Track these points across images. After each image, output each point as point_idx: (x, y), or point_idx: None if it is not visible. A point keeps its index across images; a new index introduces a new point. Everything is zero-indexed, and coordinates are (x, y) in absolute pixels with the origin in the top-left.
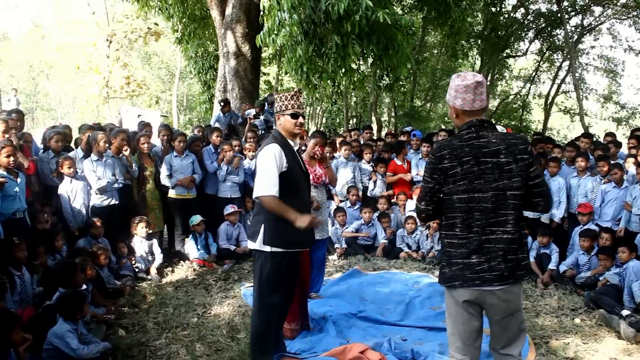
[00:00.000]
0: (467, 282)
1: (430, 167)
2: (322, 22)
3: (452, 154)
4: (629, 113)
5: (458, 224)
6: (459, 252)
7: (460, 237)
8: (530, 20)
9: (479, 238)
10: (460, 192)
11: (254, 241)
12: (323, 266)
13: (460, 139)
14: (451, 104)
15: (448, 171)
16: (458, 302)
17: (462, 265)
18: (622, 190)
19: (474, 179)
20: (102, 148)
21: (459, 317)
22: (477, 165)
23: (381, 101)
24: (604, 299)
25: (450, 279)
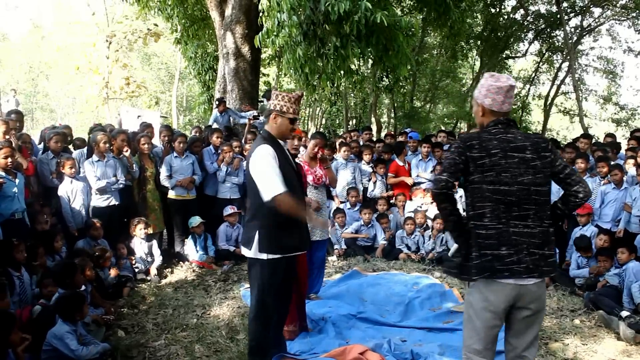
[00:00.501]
0: (497, 273)
1: (458, 150)
2: (322, 23)
3: (480, 145)
4: (629, 114)
5: (487, 213)
6: (489, 243)
7: (489, 228)
8: (530, 22)
9: (507, 229)
10: (487, 183)
11: (248, 248)
12: (323, 267)
13: (489, 133)
14: (479, 101)
15: (477, 160)
16: (492, 301)
17: (491, 256)
18: (622, 191)
19: (500, 171)
20: (102, 149)
21: (485, 317)
22: (504, 159)
23: (381, 102)
24: (604, 300)
25: (482, 270)
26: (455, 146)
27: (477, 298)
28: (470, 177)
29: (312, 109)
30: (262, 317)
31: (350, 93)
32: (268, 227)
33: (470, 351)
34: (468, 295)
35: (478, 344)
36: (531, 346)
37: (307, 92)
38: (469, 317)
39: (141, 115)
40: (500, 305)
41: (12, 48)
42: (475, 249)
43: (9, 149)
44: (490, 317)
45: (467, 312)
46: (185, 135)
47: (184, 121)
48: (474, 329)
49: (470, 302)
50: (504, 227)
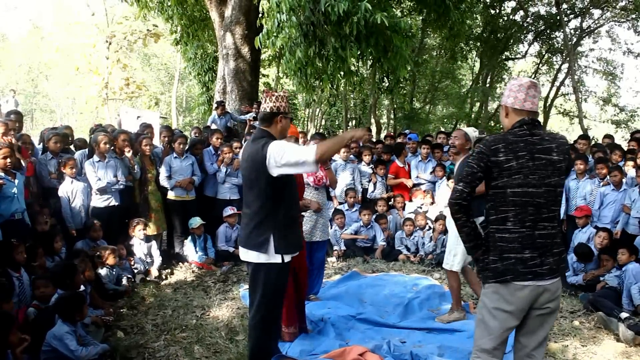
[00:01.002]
0: (520, 276)
1: (479, 156)
2: (322, 24)
3: (507, 147)
4: (628, 115)
5: (510, 218)
6: (512, 247)
7: (512, 232)
8: (530, 23)
9: (532, 233)
10: (514, 186)
11: (262, 251)
12: (322, 268)
13: (514, 135)
14: (503, 102)
15: (503, 164)
16: (506, 301)
17: (514, 259)
18: (621, 192)
19: (528, 173)
20: (103, 149)
21: (500, 317)
22: (531, 161)
23: (380, 103)
24: (603, 301)
25: (502, 273)
26: (478, 151)
27: (493, 299)
28: (494, 182)
29: (311, 110)
30: (266, 322)
31: (350, 94)
32: (281, 228)
33: (479, 350)
34: (483, 296)
35: (489, 343)
36: (540, 346)
37: (307, 93)
38: (482, 318)
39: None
40: (520, 307)
41: (12, 49)
42: (494, 253)
43: (8, 149)
44: (507, 318)
45: (481, 312)
46: (186, 136)
47: (184, 122)
48: (487, 329)
49: (485, 303)
50: (528, 231)
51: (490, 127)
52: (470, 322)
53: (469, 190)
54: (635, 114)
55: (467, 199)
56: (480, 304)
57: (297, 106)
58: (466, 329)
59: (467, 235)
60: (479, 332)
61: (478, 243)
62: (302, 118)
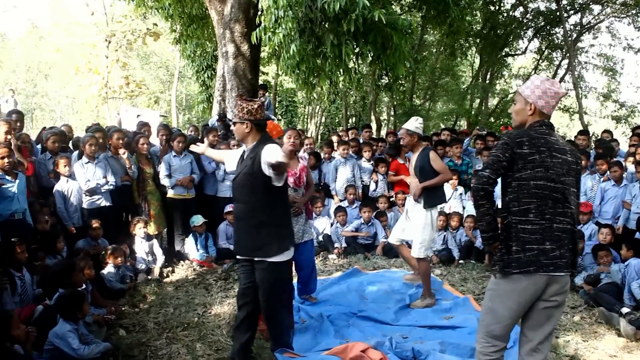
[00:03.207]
0: (543, 267)
1: (504, 146)
2: (319, 21)
3: (530, 142)
4: (629, 111)
5: (532, 209)
6: (534, 238)
7: (534, 223)
8: (529, 19)
9: (551, 225)
10: (537, 179)
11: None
12: (314, 268)
13: (536, 132)
14: (532, 100)
15: (527, 157)
16: (525, 291)
17: (537, 251)
18: (622, 188)
19: (548, 168)
20: (88, 151)
21: (512, 306)
22: (550, 158)
23: (380, 100)
24: (604, 296)
25: (526, 264)
26: (502, 142)
27: (506, 289)
28: (518, 173)
29: (311, 108)
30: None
31: (350, 91)
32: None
33: (490, 336)
34: (495, 286)
35: (499, 330)
36: (547, 340)
37: (305, 90)
38: (492, 306)
39: (141, 115)
40: (529, 297)
41: (11, 48)
42: (517, 244)
43: (6, 149)
44: (517, 307)
45: (492, 301)
46: (184, 135)
47: (184, 120)
48: (497, 316)
49: (496, 292)
50: (548, 223)
51: (490, 123)
52: (471, 317)
53: (495, 177)
54: (636, 110)
55: (493, 185)
56: (490, 294)
57: (297, 103)
58: (467, 325)
59: (487, 224)
60: (488, 319)
61: (497, 234)
62: (302, 115)
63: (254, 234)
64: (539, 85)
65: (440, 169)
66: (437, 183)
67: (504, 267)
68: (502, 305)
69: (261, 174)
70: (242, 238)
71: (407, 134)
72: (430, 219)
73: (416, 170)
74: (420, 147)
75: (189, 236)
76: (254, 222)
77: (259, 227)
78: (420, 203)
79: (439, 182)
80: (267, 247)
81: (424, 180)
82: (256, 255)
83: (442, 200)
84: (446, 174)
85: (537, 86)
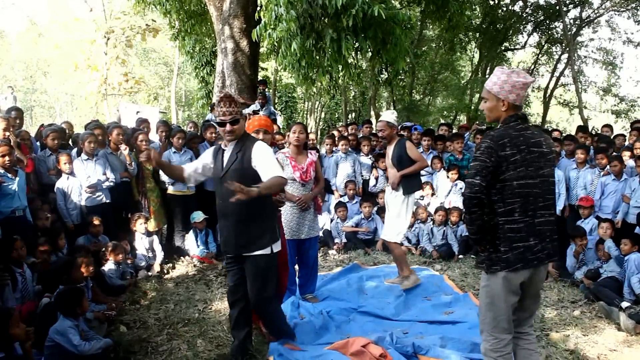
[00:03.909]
0: (529, 263)
1: (488, 150)
2: (319, 17)
3: (511, 142)
4: (628, 105)
5: (517, 209)
6: (520, 236)
7: (519, 222)
8: (529, 13)
9: (533, 221)
10: (519, 178)
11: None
12: (316, 266)
13: (514, 129)
14: (503, 97)
15: (509, 158)
16: (513, 284)
17: (523, 248)
18: (622, 182)
19: (527, 165)
20: (87, 148)
21: (510, 299)
22: (529, 154)
23: (380, 95)
24: (604, 291)
25: (513, 262)
26: (486, 147)
27: (500, 284)
28: (502, 175)
29: (311, 103)
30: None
31: (349, 86)
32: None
33: (498, 330)
34: (489, 282)
35: (505, 322)
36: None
37: (305, 85)
38: (491, 302)
39: (140, 111)
40: (519, 288)
41: (9, 45)
42: (505, 243)
43: (6, 147)
44: (514, 298)
45: (489, 298)
46: (184, 131)
47: (183, 116)
48: (499, 311)
49: (492, 288)
50: (531, 220)
51: None
52: (471, 313)
53: (485, 184)
54: (636, 104)
55: (485, 192)
56: (486, 290)
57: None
58: (467, 320)
59: (478, 228)
60: (492, 314)
61: (486, 237)
62: (302, 111)
63: (244, 229)
64: (506, 79)
65: (416, 157)
66: (414, 170)
67: (492, 266)
68: (501, 299)
69: (251, 170)
70: (230, 235)
71: (388, 126)
72: (407, 206)
73: (394, 161)
74: (396, 139)
75: (189, 232)
76: (244, 217)
77: (249, 221)
78: (399, 191)
79: (416, 169)
80: (259, 241)
81: (402, 169)
82: (248, 250)
83: (419, 187)
84: (422, 161)
85: (504, 81)
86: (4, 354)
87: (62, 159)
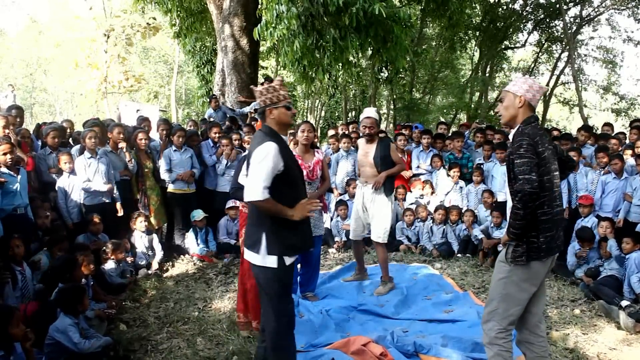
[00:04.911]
0: (553, 250)
1: (529, 147)
2: (320, 15)
3: (541, 140)
4: (629, 104)
5: (546, 201)
6: (549, 227)
7: (547, 213)
8: (529, 12)
9: (553, 211)
10: (547, 173)
11: (256, 252)
12: (318, 265)
13: (537, 128)
14: (520, 94)
15: (541, 155)
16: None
17: (550, 238)
18: (622, 181)
19: (549, 161)
20: (89, 145)
21: (531, 289)
22: (547, 151)
23: (380, 94)
24: (604, 289)
25: (545, 251)
26: (527, 144)
27: (523, 275)
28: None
29: (311, 102)
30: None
31: (349, 85)
32: (275, 228)
33: (508, 322)
34: (511, 274)
35: (518, 313)
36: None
37: (305, 84)
38: (508, 293)
39: (140, 110)
40: (542, 278)
41: (9, 43)
42: (540, 234)
43: (8, 145)
44: (533, 289)
45: (507, 289)
46: (184, 129)
47: (183, 115)
48: (515, 301)
49: (511, 279)
50: (552, 210)
51: (490, 116)
52: (471, 311)
53: (539, 179)
54: (636, 102)
55: (538, 184)
56: (504, 281)
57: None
58: (467, 319)
59: (527, 223)
60: (505, 306)
61: (528, 230)
62: (302, 110)
63: None
64: (525, 81)
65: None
66: (397, 172)
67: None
68: (519, 290)
69: None
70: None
71: (376, 124)
72: (391, 205)
73: (377, 160)
74: (377, 138)
75: (189, 231)
76: None
77: None
78: (381, 191)
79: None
80: None
81: (385, 169)
82: None
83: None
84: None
85: (523, 82)
86: (3, 352)
87: (62, 158)
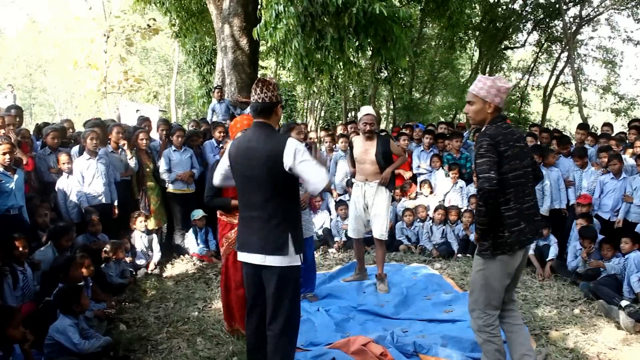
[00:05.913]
0: (522, 244)
1: (489, 147)
2: (320, 15)
3: (504, 139)
4: (628, 104)
5: (512, 198)
6: (514, 221)
7: (513, 209)
8: (529, 12)
9: (521, 207)
10: (512, 171)
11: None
12: (314, 265)
13: (502, 128)
14: (489, 100)
15: (504, 153)
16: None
17: (517, 232)
18: (621, 181)
19: (515, 159)
20: (90, 146)
21: (505, 281)
22: (514, 149)
23: (380, 94)
24: (603, 289)
25: (511, 245)
26: (487, 144)
27: (498, 267)
28: (500, 169)
29: (310, 102)
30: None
31: (349, 85)
32: (298, 225)
33: (490, 307)
34: (486, 266)
35: (497, 300)
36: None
37: (306, 84)
38: (486, 283)
39: (140, 110)
40: (514, 268)
41: (9, 43)
42: (507, 230)
43: (8, 145)
44: (508, 278)
45: (484, 279)
46: (184, 129)
47: (183, 115)
48: (493, 291)
49: (489, 270)
50: (520, 206)
51: None
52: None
53: (496, 176)
54: (635, 102)
55: (497, 182)
56: (482, 273)
57: (296, 98)
58: (467, 319)
59: (491, 219)
60: (485, 294)
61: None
62: (302, 110)
63: None
64: (492, 84)
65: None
66: (401, 163)
67: (495, 252)
68: (496, 280)
69: None
70: None
71: (375, 120)
72: (390, 201)
73: (378, 157)
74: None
75: (189, 230)
76: None
77: None
78: (384, 187)
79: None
80: None
81: (387, 166)
82: None
83: None
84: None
85: (490, 86)
86: (2, 353)
87: (61, 158)
